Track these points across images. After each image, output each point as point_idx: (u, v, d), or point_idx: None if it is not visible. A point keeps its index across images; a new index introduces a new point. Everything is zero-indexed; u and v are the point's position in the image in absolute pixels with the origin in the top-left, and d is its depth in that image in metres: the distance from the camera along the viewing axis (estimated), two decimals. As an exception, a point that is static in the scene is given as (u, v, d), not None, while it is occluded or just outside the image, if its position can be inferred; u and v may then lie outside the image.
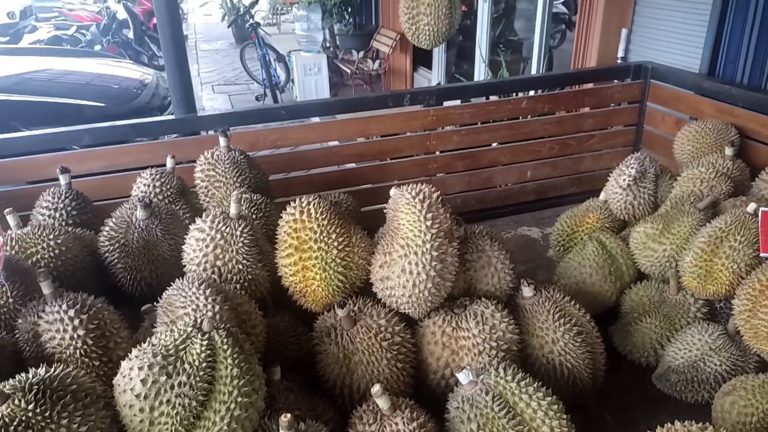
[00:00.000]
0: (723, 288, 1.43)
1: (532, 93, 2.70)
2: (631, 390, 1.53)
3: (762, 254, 1.37)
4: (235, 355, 0.99)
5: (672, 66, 2.53)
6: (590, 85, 2.60)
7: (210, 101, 7.53)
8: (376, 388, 1.08)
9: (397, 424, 1.08)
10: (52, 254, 1.35)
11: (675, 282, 1.54)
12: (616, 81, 2.52)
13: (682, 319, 1.52)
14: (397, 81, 6.93)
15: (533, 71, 4.56)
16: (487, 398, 1.10)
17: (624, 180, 1.81)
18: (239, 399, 0.97)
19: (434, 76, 6.36)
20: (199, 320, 1.02)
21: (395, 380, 1.28)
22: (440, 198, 1.33)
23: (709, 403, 1.33)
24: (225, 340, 1.00)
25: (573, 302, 1.46)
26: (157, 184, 1.68)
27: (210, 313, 1.12)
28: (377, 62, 6.71)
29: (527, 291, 1.45)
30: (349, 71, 6.59)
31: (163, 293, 1.21)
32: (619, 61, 2.89)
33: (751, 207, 1.44)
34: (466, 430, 1.10)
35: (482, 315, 1.34)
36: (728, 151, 1.84)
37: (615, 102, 2.51)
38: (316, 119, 2.56)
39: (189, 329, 1.00)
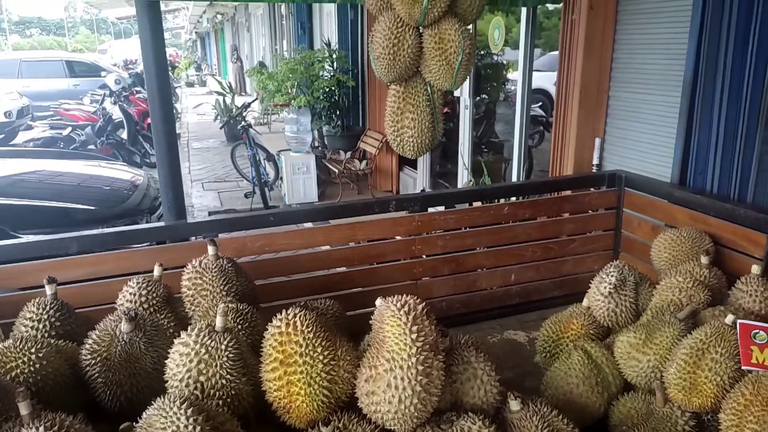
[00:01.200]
0: (708, 401, 1.43)
1: (513, 199, 2.79)
2: None
3: (743, 367, 1.39)
4: (215, 483, 0.96)
5: (645, 174, 2.66)
6: (568, 192, 2.71)
7: (200, 198, 7.65)
8: None
9: None
10: (32, 369, 1.33)
11: (661, 394, 1.54)
12: (592, 189, 2.62)
13: (671, 433, 1.50)
14: (384, 180, 7.13)
15: (514, 172, 4.74)
16: None
17: (605, 288, 1.85)
18: None
19: (419, 176, 6.56)
20: (179, 445, 1.00)
21: (380, 504, 1.24)
22: (426, 310, 1.34)
23: None
24: (205, 466, 0.97)
25: (561, 416, 1.44)
26: (143, 293, 1.69)
27: (191, 435, 1.10)
28: (364, 162, 6.93)
29: (514, 405, 1.43)
30: (336, 170, 6.78)
31: (143, 412, 1.19)
32: (594, 168, 3.03)
33: (729, 319, 1.47)
34: None
35: (470, 431, 1.32)
36: (704, 260, 1.90)
37: (593, 208, 2.60)
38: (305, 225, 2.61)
39: (169, 455, 0.97)
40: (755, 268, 1.76)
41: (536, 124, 8.58)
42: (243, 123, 7.44)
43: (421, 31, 1.84)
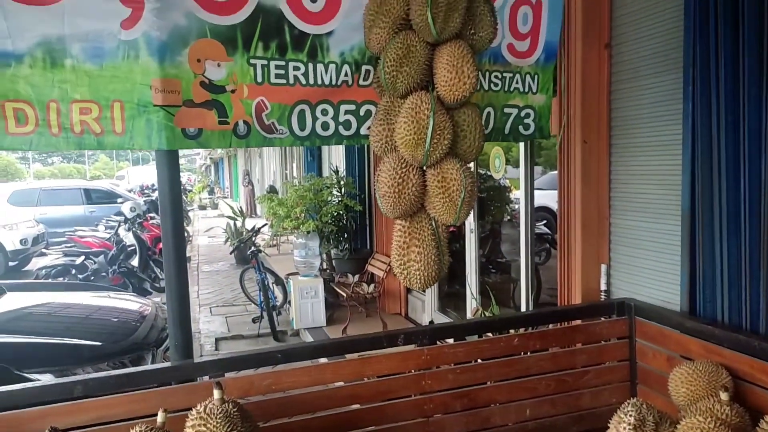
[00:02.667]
0: None
1: (522, 330, 2.77)
2: None
3: None
4: None
5: (654, 302, 2.65)
6: (578, 322, 2.69)
7: (207, 323, 7.59)
8: None
9: None
10: None
11: None
12: (603, 318, 2.61)
13: None
14: (392, 303, 7.09)
15: (522, 293, 4.72)
16: None
17: (624, 428, 1.78)
18: None
19: (427, 298, 6.54)
20: None
21: None
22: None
23: None
24: None
25: None
26: (146, 443, 1.64)
27: None
28: (372, 285, 6.94)
29: None
30: (345, 294, 6.78)
31: None
32: (602, 295, 3.02)
33: (758, 466, 1.40)
34: None
35: None
36: (723, 396, 1.84)
37: (604, 338, 2.57)
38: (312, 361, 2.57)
39: None
40: (778, 406, 1.70)
41: (542, 241, 8.68)
42: (253, 248, 7.57)
43: (424, 169, 1.93)
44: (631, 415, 1.78)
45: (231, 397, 1.86)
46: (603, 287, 3.06)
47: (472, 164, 2.27)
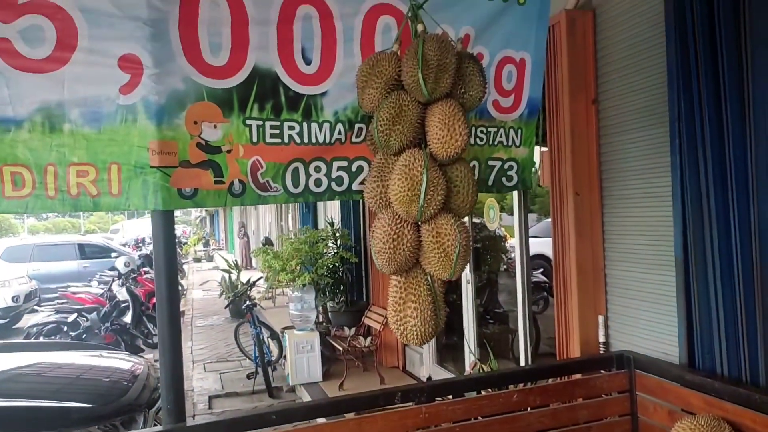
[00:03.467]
0: None
1: (521, 385, 2.72)
2: None
3: None
4: None
5: (653, 354, 2.63)
6: (578, 376, 2.65)
7: (200, 380, 7.43)
8: None
9: None
10: None
11: None
12: (602, 371, 2.57)
13: None
14: (389, 356, 6.99)
15: (521, 344, 4.66)
16: None
17: (629, 488, 1.73)
18: None
19: (425, 351, 6.45)
20: None
21: None
22: None
23: None
24: None
25: None
26: None
27: None
28: (369, 338, 6.85)
29: None
30: (341, 348, 6.68)
31: None
32: (601, 347, 3.00)
33: None
34: None
35: None
36: (728, 452, 1.81)
37: (605, 392, 2.53)
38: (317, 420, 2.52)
39: None
40: (784, 462, 1.67)
41: (539, 290, 8.63)
42: (248, 302, 7.50)
43: (419, 225, 1.94)
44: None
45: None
46: (602, 339, 3.04)
47: (466, 218, 2.29)
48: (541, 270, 9.38)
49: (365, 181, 2.02)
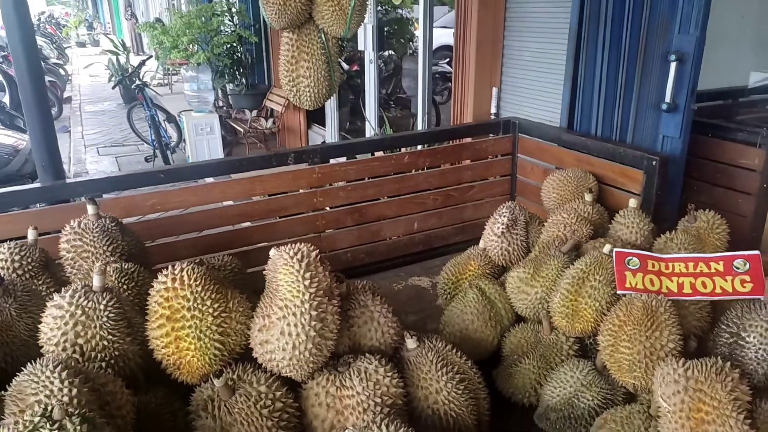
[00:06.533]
0: (589, 325, 1.53)
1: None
2: (516, 432, 1.57)
3: (618, 291, 1.49)
4: (90, 443, 0.91)
5: (536, 121, 2.76)
6: (468, 140, 2.76)
7: (95, 164, 7.18)
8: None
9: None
10: None
11: (547, 322, 1.63)
12: (491, 135, 2.69)
13: (557, 358, 1.60)
14: (292, 138, 6.99)
15: (419, 125, 4.78)
16: (368, 458, 1.08)
17: (498, 228, 1.91)
18: (95, 491, 0.89)
19: (328, 133, 6.48)
20: (49, 408, 0.94)
21: (278, 449, 1.23)
22: (319, 256, 1.33)
23: (586, 438, 1.39)
24: (79, 428, 0.92)
25: (455, 350, 1.49)
26: (16, 258, 1.56)
27: (66, 398, 1.03)
28: (271, 120, 6.74)
29: (410, 343, 1.47)
30: (242, 130, 6.56)
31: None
32: (492, 116, 3.10)
33: (607, 248, 1.57)
34: (348, 494, 1.07)
35: (366, 371, 1.34)
36: (587, 197, 2.01)
37: (490, 155, 2.67)
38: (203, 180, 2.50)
39: (36, 419, 0.91)
40: (632, 202, 1.88)
41: (445, 80, 8.68)
42: (138, 82, 6.99)
43: (311, -25, 1.76)
44: (504, 216, 1.91)
45: (109, 214, 1.77)
46: (493, 110, 3.14)
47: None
48: (448, 60, 9.32)
49: None
